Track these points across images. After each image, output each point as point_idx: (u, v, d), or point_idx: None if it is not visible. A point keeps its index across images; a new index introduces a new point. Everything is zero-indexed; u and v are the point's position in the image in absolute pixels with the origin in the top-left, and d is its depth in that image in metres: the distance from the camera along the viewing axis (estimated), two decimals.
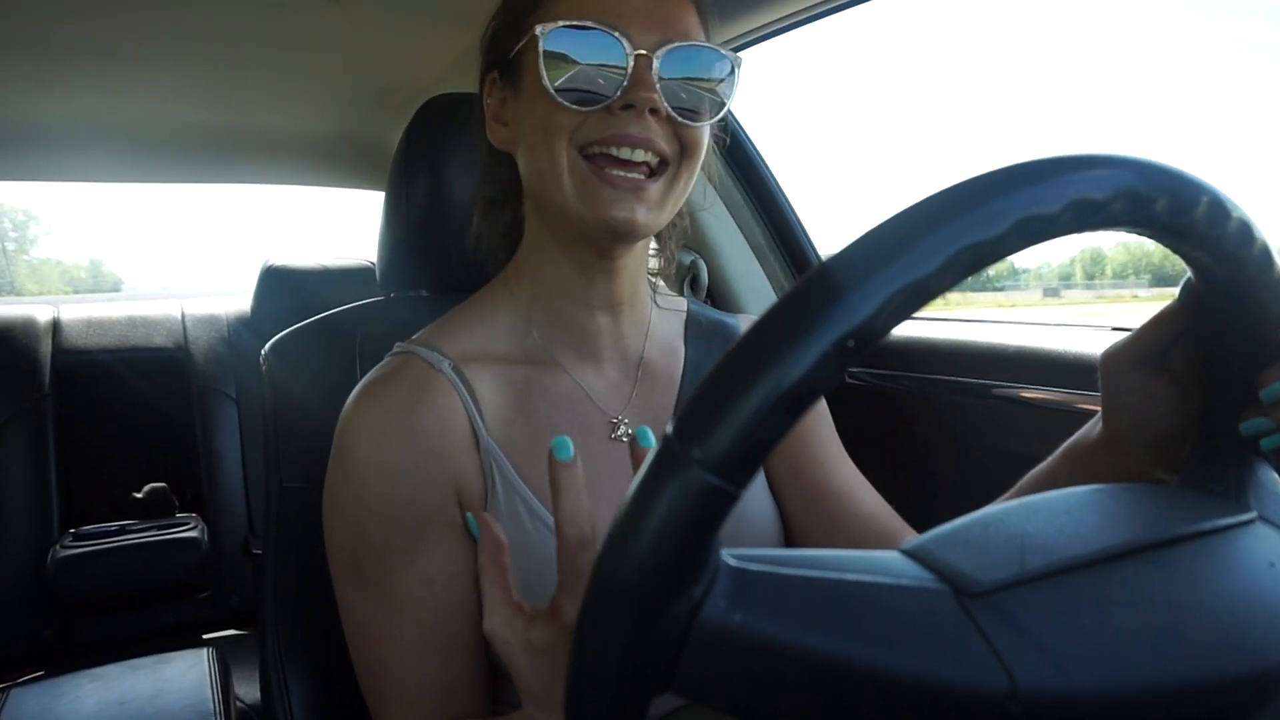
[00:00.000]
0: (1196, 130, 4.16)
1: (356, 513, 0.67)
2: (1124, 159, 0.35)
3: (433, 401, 0.69)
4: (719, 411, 0.30)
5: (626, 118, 0.64)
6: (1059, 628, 0.33)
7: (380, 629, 0.66)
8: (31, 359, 1.99)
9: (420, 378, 0.70)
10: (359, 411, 0.69)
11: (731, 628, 0.31)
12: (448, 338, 0.74)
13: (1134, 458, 0.55)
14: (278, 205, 5.99)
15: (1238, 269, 0.40)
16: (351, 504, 0.68)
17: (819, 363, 0.30)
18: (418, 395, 0.69)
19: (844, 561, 0.34)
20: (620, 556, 0.31)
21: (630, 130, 0.64)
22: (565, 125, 0.65)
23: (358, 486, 0.67)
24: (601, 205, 0.65)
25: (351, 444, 0.68)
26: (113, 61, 1.40)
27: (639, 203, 0.66)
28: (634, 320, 0.79)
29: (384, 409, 0.69)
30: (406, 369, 0.71)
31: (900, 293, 0.30)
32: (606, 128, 0.64)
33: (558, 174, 0.66)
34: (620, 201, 0.65)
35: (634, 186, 0.65)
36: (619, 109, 0.64)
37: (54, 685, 1.13)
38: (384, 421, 0.68)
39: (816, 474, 0.82)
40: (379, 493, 0.67)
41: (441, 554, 0.67)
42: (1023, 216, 0.32)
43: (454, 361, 0.71)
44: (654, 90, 0.64)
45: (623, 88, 0.64)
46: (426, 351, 0.72)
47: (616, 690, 0.32)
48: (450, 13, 1.23)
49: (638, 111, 0.64)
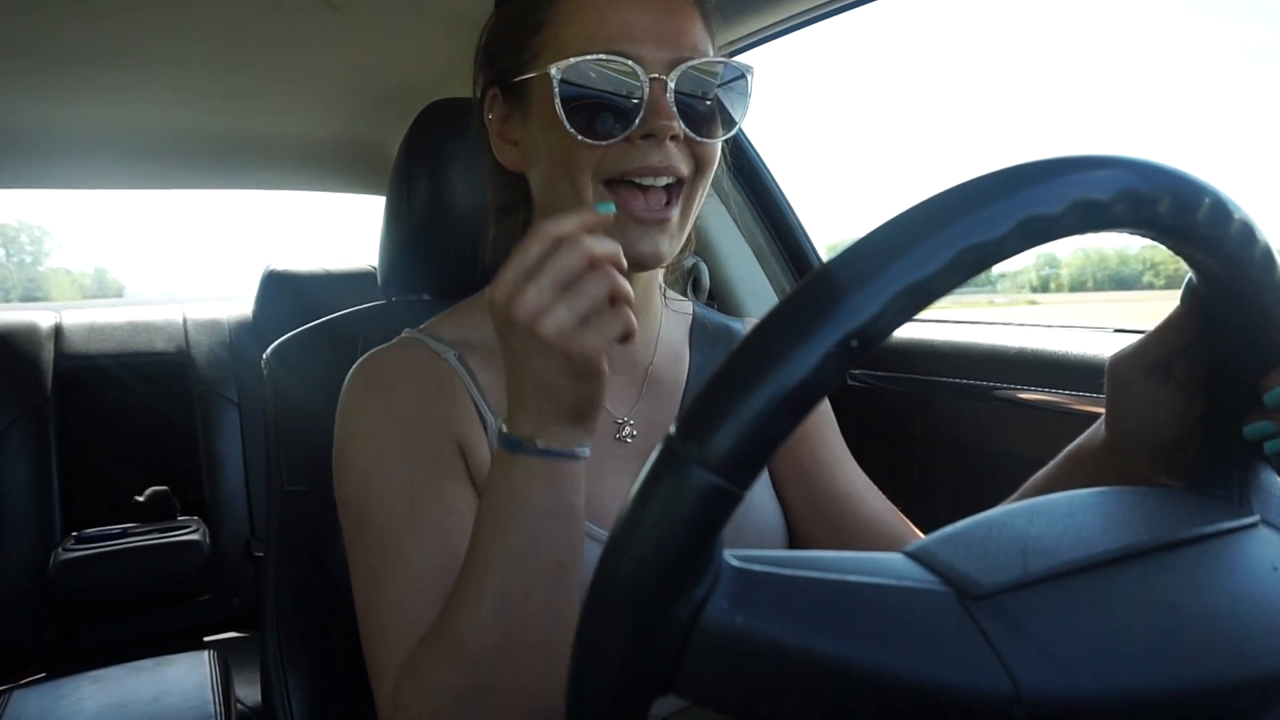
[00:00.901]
0: (1196, 132, 4.15)
1: (361, 463, 0.68)
2: (1126, 160, 0.35)
3: (435, 375, 0.70)
4: (722, 411, 0.30)
5: (646, 147, 0.64)
6: (1062, 631, 0.32)
7: (391, 571, 0.65)
8: (34, 364, 1.99)
9: (423, 355, 0.72)
10: (361, 372, 0.71)
11: (734, 629, 0.31)
12: (453, 329, 0.75)
13: (1137, 462, 0.55)
14: (279, 210, 6.00)
15: (1240, 270, 0.40)
16: (360, 456, 0.69)
17: (822, 363, 0.30)
18: (420, 365, 0.71)
19: (847, 563, 0.34)
20: (622, 556, 0.31)
21: (652, 160, 0.64)
22: (587, 160, 0.65)
23: (361, 438, 0.69)
24: (629, 243, 0.64)
25: (355, 403, 0.70)
26: (114, 67, 1.40)
27: (662, 235, 0.67)
28: (644, 329, 0.79)
29: (386, 367, 0.71)
30: (410, 346, 0.73)
31: (903, 293, 0.30)
32: (629, 160, 0.64)
33: (582, 205, 0.66)
34: (645, 237, 0.66)
35: (658, 220, 0.66)
36: (639, 139, 0.64)
37: (55, 687, 1.13)
38: (387, 381, 0.70)
39: (822, 477, 0.82)
40: (383, 440, 0.68)
41: (449, 498, 0.67)
42: (1025, 217, 0.32)
43: (459, 352, 0.72)
44: (672, 118, 0.63)
45: (640, 117, 0.63)
46: (432, 340, 0.73)
47: (618, 691, 0.32)
48: (450, 17, 1.23)
49: (658, 141, 0.64)
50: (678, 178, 0.66)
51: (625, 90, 0.63)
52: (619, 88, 0.63)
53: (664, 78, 0.63)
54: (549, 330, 0.51)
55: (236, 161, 2.01)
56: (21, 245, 4.72)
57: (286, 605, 0.83)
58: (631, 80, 0.63)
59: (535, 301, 0.51)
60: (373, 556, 0.66)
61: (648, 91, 0.63)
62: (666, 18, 0.65)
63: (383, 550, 0.66)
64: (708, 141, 0.67)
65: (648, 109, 0.63)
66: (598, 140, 0.64)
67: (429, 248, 0.92)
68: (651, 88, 0.63)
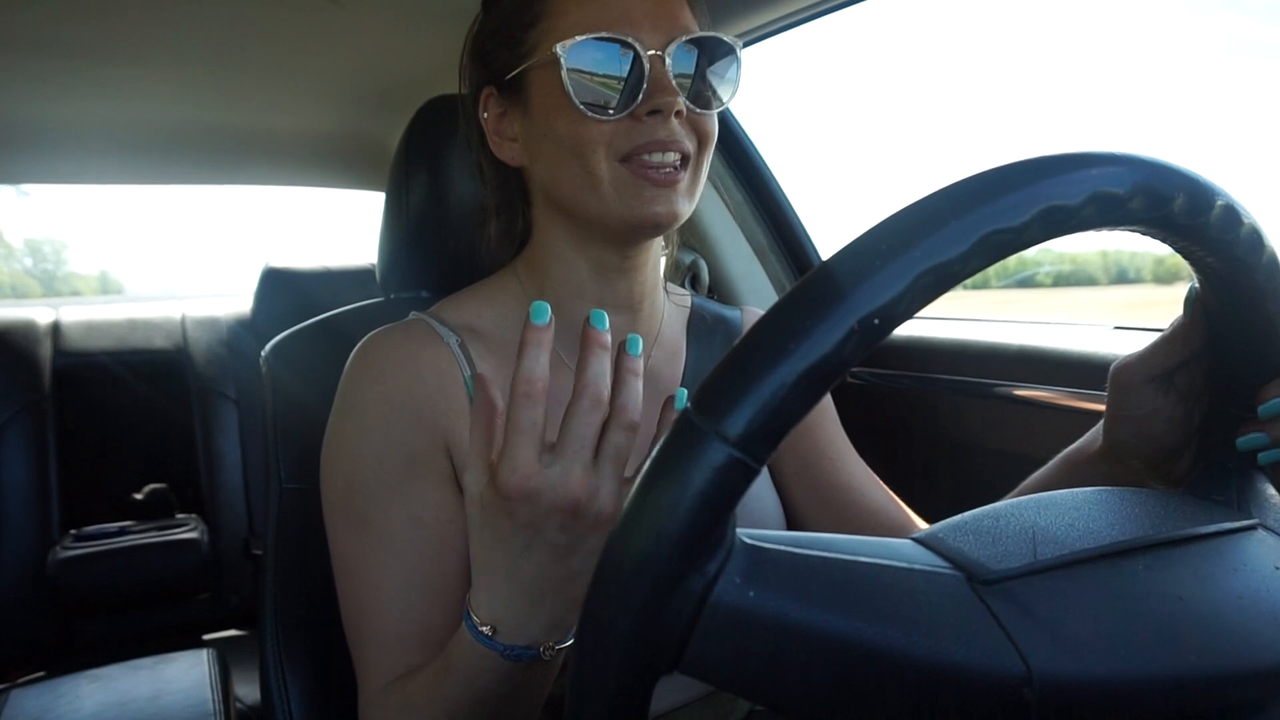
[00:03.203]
0: (1191, 129, 4.18)
1: (353, 448, 0.70)
2: (1142, 158, 0.35)
3: (434, 362, 0.71)
4: (743, 385, 0.30)
5: (654, 123, 0.66)
6: (1072, 616, 0.33)
7: (368, 566, 0.68)
8: (32, 361, 1.99)
9: (426, 341, 0.73)
10: (363, 355, 0.72)
11: (745, 605, 0.31)
12: (457, 314, 0.77)
13: (1133, 469, 0.56)
14: (278, 207, 6.03)
15: (1246, 275, 0.41)
16: (349, 440, 0.70)
17: (845, 339, 0.30)
18: (420, 351, 0.72)
19: (858, 546, 0.34)
20: (636, 527, 0.31)
21: (659, 136, 0.66)
22: (599, 138, 0.66)
23: (355, 423, 0.70)
24: (645, 203, 0.67)
25: (352, 385, 0.71)
26: (112, 62, 1.40)
27: (676, 194, 0.68)
28: (644, 322, 0.79)
29: (386, 355, 0.72)
30: (415, 328, 0.74)
31: (926, 274, 0.30)
32: (638, 136, 0.66)
33: (596, 183, 0.67)
34: (661, 197, 0.67)
35: (670, 180, 0.67)
36: (644, 115, 0.66)
37: (54, 685, 1.13)
38: (385, 366, 0.71)
39: (825, 469, 0.83)
40: (375, 431, 0.69)
41: (432, 499, 0.68)
42: (1046, 207, 0.32)
43: (461, 339, 0.74)
44: (675, 93, 0.66)
45: (644, 92, 0.66)
46: (436, 323, 0.75)
47: (624, 665, 0.32)
48: (450, 13, 1.23)
49: (663, 116, 0.66)
50: (683, 154, 0.68)
51: (628, 68, 0.66)
52: (622, 64, 0.66)
53: (662, 54, 0.66)
54: (606, 508, 0.49)
55: (236, 156, 2.00)
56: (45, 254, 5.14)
57: (285, 603, 0.83)
58: (633, 57, 0.65)
59: (585, 483, 0.48)
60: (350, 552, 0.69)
61: (649, 67, 0.65)
62: (659, 2, 0.68)
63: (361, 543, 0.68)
64: (707, 113, 0.69)
65: (651, 84, 0.65)
66: (605, 117, 0.66)
67: (428, 244, 0.92)
68: (653, 64, 0.65)
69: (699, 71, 0.69)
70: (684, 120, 0.68)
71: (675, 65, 0.66)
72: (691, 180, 0.70)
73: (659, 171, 0.67)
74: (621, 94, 0.66)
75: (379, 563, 0.67)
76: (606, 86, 0.66)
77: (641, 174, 0.67)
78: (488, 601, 0.53)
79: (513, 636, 0.53)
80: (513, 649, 0.53)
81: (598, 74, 0.65)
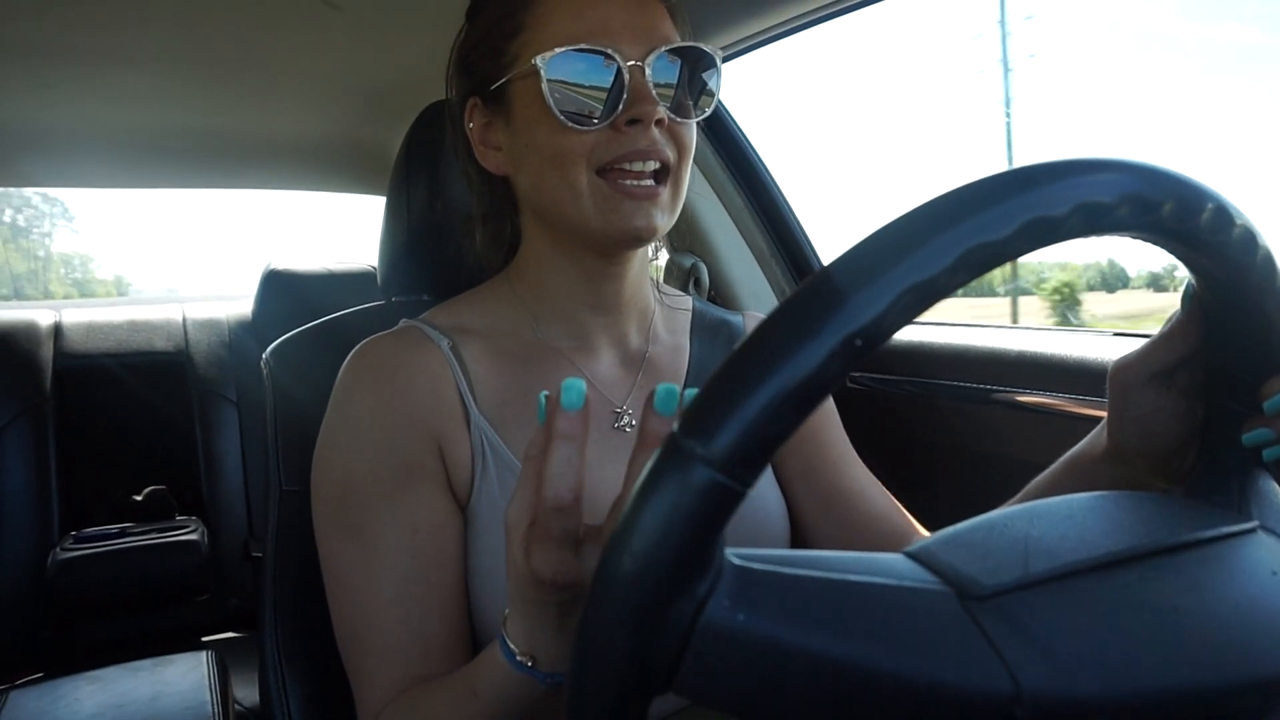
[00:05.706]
0: (1190, 136, 4.17)
1: (346, 459, 0.70)
2: (1130, 164, 0.35)
3: (425, 367, 0.72)
4: (726, 408, 0.30)
5: (634, 132, 0.66)
6: (1063, 632, 0.32)
7: (361, 576, 0.67)
8: (33, 363, 1.99)
9: (418, 345, 0.73)
10: (355, 362, 0.73)
11: (735, 627, 0.31)
12: (450, 319, 0.77)
13: (1137, 469, 0.56)
14: (281, 210, 6.07)
15: (1241, 276, 0.40)
16: (342, 450, 0.70)
17: (827, 360, 0.30)
18: (412, 358, 0.72)
19: (848, 563, 0.34)
20: (624, 553, 0.31)
21: (640, 145, 0.66)
22: (578, 149, 0.67)
23: (348, 431, 0.70)
24: (623, 217, 0.67)
25: (344, 395, 0.72)
26: (114, 67, 1.40)
27: (655, 208, 0.68)
28: (637, 318, 0.81)
29: (378, 361, 0.72)
30: (406, 334, 0.74)
31: (908, 292, 0.30)
32: (618, 146, 0.66)
33: (576, 195, 0.68)
34: (639, 211, 0.67)
35: (649, 194, 0.68)
36: (624, 124, 0.66)
37: (53, 687, 1.13)
38: (377, 373, 0.71)
39: (828, 474, 0.83)
40: (367, 437, 0.69)
41: (426, 505, 0.68)
42: (1030, 218, 0.32)
43: (453, 341, 0.74)
44: (655, 102, 0.66)
45: (624, 102, 0.66)
46: (428, 328, 0.75)
47: (619, 688, 0.32)
48: (451, 18, 1.23)
49: (644, 125, 0.66)
50: (663, 163, 0.68)
51: (609, 77, 0.66)
52: (603, 75, 0.66)
53: (642, 64, 0.66)
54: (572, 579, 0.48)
55: (237, 161, 2.01)
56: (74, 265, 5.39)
57: (285, 605, 0.83)
58: (614, 68, 0.66)
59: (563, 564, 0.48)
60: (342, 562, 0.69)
61: (629, 77, 0.66)
62: (639, 13, 0.68)
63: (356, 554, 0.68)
64: (687, 122, 0.70)
65: (631, 94, 0.66)
66: (585, 128, 0.66)
67: (429, 248, 0.92)
68: (633, 74, 0.66)
69: (680, 81, 0.69)
70: (665, 129, 0.68)
71: (656, 75, 0.67)
72: (672, 194, 0.70)
73: (638, 184, 0.67)
74: (603, 104, 0.66)
75: (375, 572, 0.67)
76: (587, 97, 0.66)
77: (620, 188, 0.67)
78: (527, 633, 0.53)
79: (554, 665, 0.53)
80: (554, 676, 0.53)
81: (578, 85, 0.66)
